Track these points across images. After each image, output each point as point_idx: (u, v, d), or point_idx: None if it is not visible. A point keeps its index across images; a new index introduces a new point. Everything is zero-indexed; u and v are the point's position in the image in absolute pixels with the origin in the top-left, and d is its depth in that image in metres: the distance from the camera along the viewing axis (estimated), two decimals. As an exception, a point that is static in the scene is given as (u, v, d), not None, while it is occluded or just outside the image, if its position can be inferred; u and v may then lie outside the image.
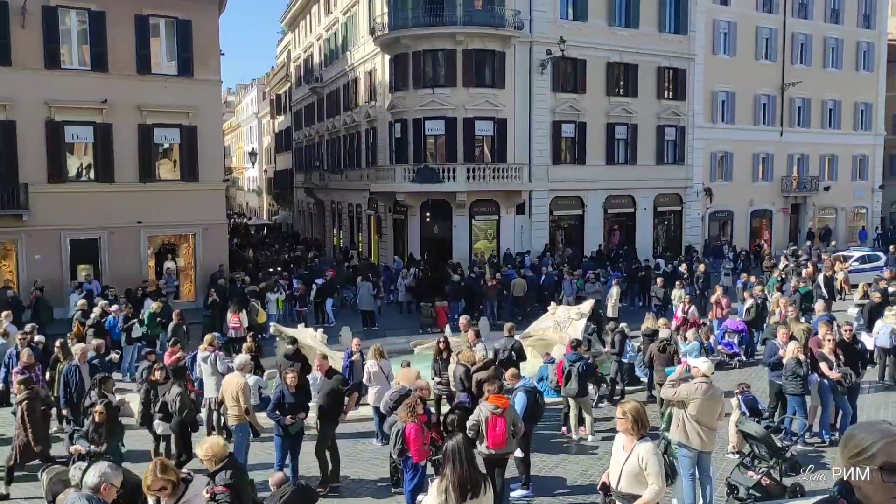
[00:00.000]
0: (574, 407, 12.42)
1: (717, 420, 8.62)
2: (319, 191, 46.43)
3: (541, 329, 19.20)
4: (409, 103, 31.43)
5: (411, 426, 8.93)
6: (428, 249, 31.38)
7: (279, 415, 9.98)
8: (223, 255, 27.49)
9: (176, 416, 10.57)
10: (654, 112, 35.81)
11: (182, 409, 10.53)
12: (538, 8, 31.99)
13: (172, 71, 25.66)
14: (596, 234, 35.08)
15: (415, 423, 8.96)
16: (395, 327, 23.35)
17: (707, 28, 37.22)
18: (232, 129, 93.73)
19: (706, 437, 8.45)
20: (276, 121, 65.15)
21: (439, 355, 13.01)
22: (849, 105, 43.47)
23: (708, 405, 8.41)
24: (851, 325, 13.59)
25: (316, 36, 46.42)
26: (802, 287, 21.26)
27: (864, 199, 45.86)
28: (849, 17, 42.66)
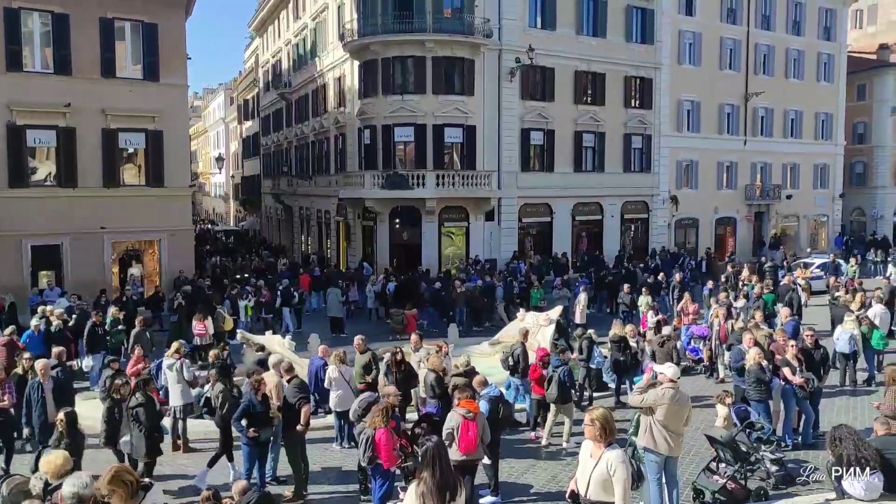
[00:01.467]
0: (553, 412, 12.38)
1: (683, 425, 8.70)
2: (287, 197, 46.12)
3: (509, 335, 19.26)
4: (379, 109, 31.40)
5: (381, 432, 8.87)
6: (397, 256, 31.31)
7: (243, 425, 9.86)
8: (189, 261, 27.14)
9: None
10: (622, 120, 36.24)
11: (223, 405, 10.61)
12: (507, 16, 32.21)
13: (138, 75, 25.33)
14: (564, 241, 35.34)
15: (384, 429, 8.91)
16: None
17: (673, 38, 37.80)
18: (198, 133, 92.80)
19: (673, 443, 8.52)
20: (244, 126, 64.63)
21: (396, 367, 12.57)
22: (810, 115, 44.42)
23: (675, 410, 8.49)
24: (813, 330, 13.84)
25: (284, 41, 46.18)
26: (767, 294, 21.61)
27: (825, 208, 46.85)
28: (810, 29, 43.64)
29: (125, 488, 5.45)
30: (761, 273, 27.14)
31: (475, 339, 20.98)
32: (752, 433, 10.21)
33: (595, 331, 17.03)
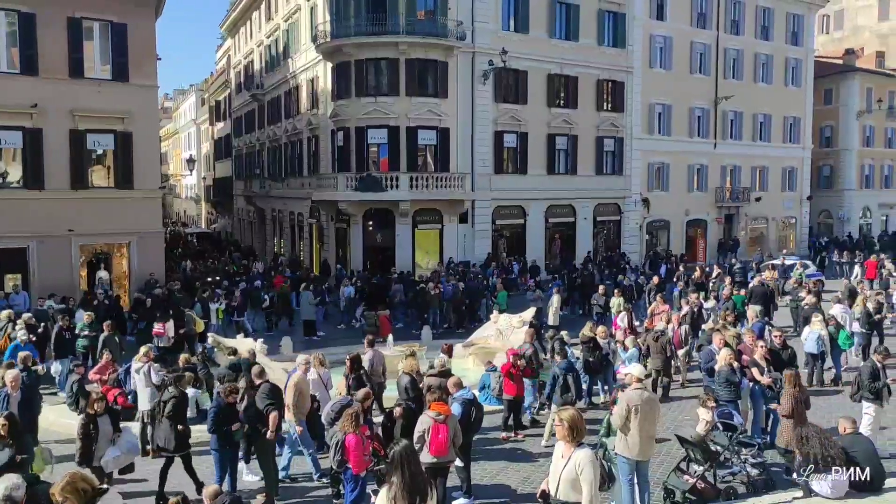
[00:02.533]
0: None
1: (655, 425, 8.76)
2: (260, 199, 45.79)
3: (483, 337, 19.32)
4: (352, 111, 31.30)
5: (350, 437, 8.83)
6: (371, 258, 31.22)
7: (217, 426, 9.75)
8: (159, 264, 26.79)
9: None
10: (594, 123, 36.51)
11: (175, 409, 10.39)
12: (480, 19, 32.31)
13: (106, 75, 24.91)
14: (537, 244, 35.51)
15: (354, 433, 8.87)
16: (336, 337, 23.17)
17: (644, 42, 38.18)
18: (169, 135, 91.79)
19: (646, 445, 8.58)
20: (216, 127, 64.05)
21: (352, 371, 12.43)
22: (778, 119, 45.13)
23: (646, 411, 8.55)
24: (781, 331, 14.05)
25: (257, 42, 45.86)
26: (736, 295, 21.88)
27: (794, 210, 47.62)
28: (778, 34, 44.34)
29: (78, 495, 5.38)
30: (731, 274, 27.46)
31: (449, 341, 20.93)
32: (735, 437, 10.26)
33: (568, 332, 17.12)
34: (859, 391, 11.33)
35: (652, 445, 8.73)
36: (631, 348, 15.90)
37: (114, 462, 9.82)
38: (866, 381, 11.14)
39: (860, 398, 11.37)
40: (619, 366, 15.01)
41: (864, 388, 11.17)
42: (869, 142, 52.00)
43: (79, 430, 9.59)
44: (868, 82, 51.14)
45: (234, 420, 9.91)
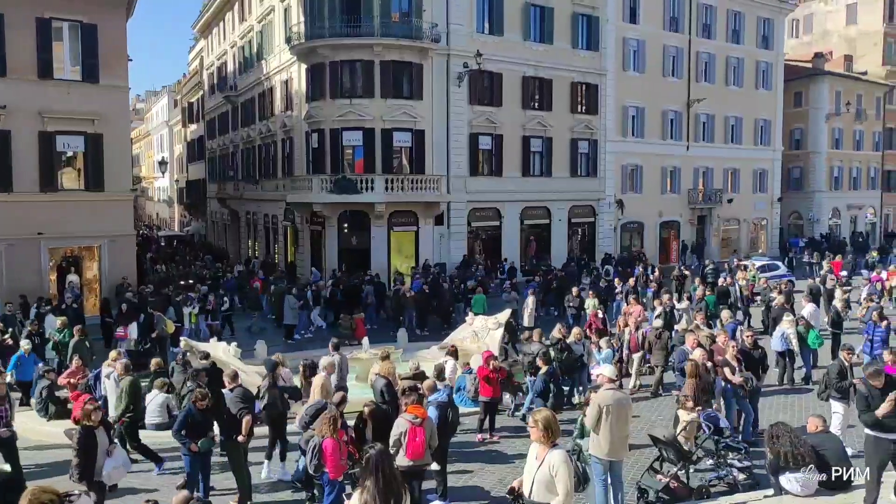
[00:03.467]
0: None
1: (626, 425, 8.78)
2: (234, 201, 45.43)
3: (459, 339, 19.31)
4: (327, 113, 31.17)
5: (328, 441, 8.78)
6: (346, 261, 31.09)
7: (184, 436, 9.64)
8: (131, 267, 26.47)
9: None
10: (568, 126, 36.72)
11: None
12: (455, 21, 32.36)
13: (76, 76, 24.59)
14: (513, 245, 35.61)
15: (332, 438, 8.81)
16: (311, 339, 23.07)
17: (617, 45, 38.49)
18: (141, 137, 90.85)
19: (619, 446, 8.61)
20: (189, 129, 63.46)
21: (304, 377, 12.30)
22: (749, 121, 45.73)
23: (618, 411, 8.60)
24: (752, 331, 14.25)
25: (230, 43, 45.51)
26: (709, 296, 22.15)
27: (765, 211, 48.27)
28: (749, 37, 44.95)
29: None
30: (704, 276, 27.78)
31: (425, 343, 20.97)
32: (721, 440, 10.35)
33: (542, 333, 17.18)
34: (826, 390, 11.49)
35: (624, 445, 8.75)
36: (605, 349, 16.01)
37: (113, 474, 9.45)
38: (834, 380, 11.31)
39: (827, 397, 11.53)
40: (593, 366, 15.09)
41: (832, 386, 11.33)
42: (838, 144, 52.90)
43: (76, 443, 9.05)
44: (837, 85, 52.05)
45: (204, 426, 9.80)
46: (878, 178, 56.61)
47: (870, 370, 8.70)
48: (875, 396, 8.36)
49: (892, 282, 27.72)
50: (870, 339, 15.23)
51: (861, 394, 8.58)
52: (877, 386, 8.42)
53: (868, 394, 8.43)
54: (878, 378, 8.47)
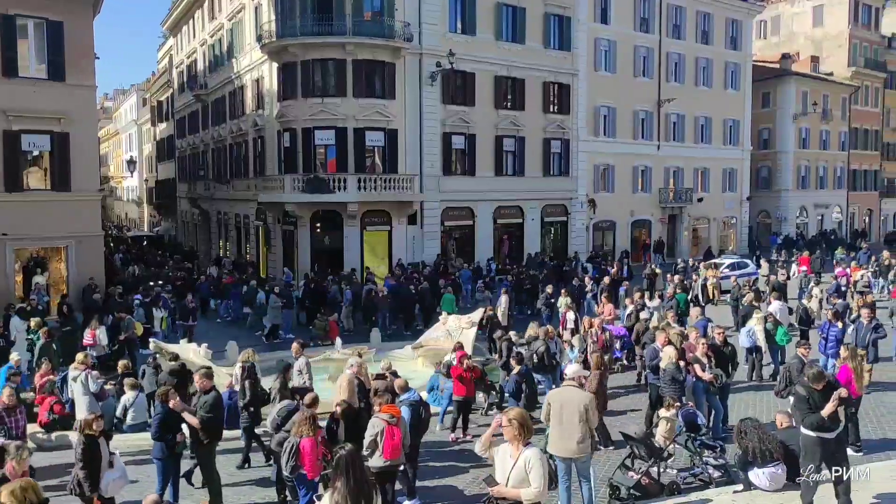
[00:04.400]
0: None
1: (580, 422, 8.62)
2: (204, 201, 44.96)
3: (432, 339, 19.33)
4: (299, 112, 30.97)
5: (306, 441, 8.73)
6: (319, 261, 30.92)
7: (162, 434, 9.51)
8: (99, 268, 26.05)
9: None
10: (541, 125, 36.88)
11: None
12: (427, 21, 32.32)
13: (42, 75, 24.09)
14: (487, 244, 35.67)
15: (311, 437, 8.76)
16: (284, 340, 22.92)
17: (589, 45, 38.72)
18: (109, 136, 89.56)
19: (567, 442, 8.58)
20: (158, 128, 62.69)
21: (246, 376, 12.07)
22: (719, 121, 46.29)
23: (564, 407, 8.60)
24: (723, 328, 14.42)
25: (200, 41, 45.02)
26: (679, 294, 22.38)
27: (734, 210, 48.91)
28: (718, 38, 45.50)
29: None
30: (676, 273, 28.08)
31: (398, 343, 20.95)
32: (697, 438, 10.45)
33: (516, 332, 17.25)
34: (789, 386, 11.62)
35: (571, 442, 8.53)
36: (577, 347, 16.13)
37: (115, 485, 9.10)
38: (797, 376, 11.46)
39: (788, 394, 11.67)
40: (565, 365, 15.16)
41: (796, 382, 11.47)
42: (804, 144, 53.77)
43: (79, 454, 8.70)
44: (803, 86, 52.91)
45: (178, 426, 9.70)
46: (844, 178, 57.65)
47: (811, 373, 8.74)
48: (816, 398, 8.48)
49: (855, 276, 28.29)
50: (824, 338, 15.23)
51: (802, 397, 8.58)
52: (818, 388, 8.54)
53: (809, 396, 8.52)
54: (820, 381, 8.59)
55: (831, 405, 8.33)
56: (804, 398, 8.55)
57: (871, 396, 14.23)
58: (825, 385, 8.58)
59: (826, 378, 8.72)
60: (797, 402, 8.78)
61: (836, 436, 8.52)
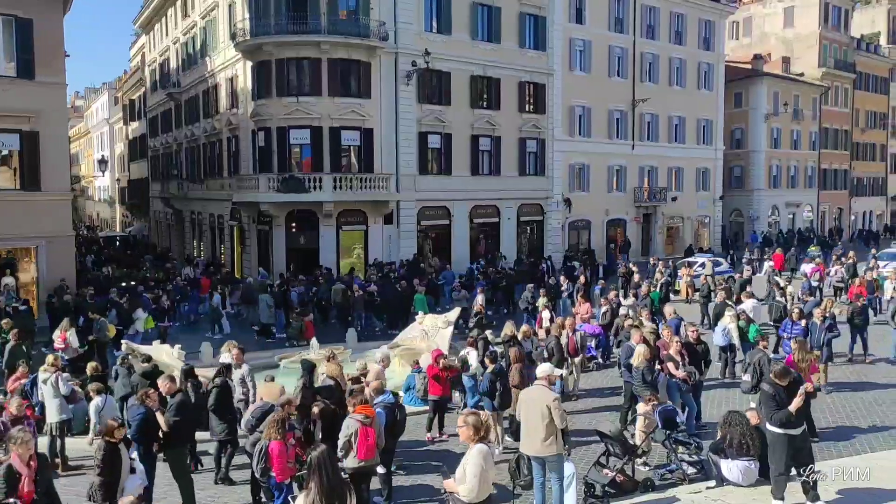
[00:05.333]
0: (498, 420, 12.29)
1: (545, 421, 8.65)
2: (178, 201, 44.49)
3: (409, 338, 19.30)
4: (273, 111, 30.76)
5: (274, 444, 8.68)
6: (294, 261, 30.74)
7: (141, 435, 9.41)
8: (70, 269, 25.70)
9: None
10: (517, 125, 36.98)
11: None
12: (403, 20, 32.26)
13: (11, 73, 23.73)
14: (463, 244, 35.69)
15: (279, 440, 8.71)
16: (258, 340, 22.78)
17: (564, 45, 38.90)
18: (80, 135, 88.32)
19: (532, 440, 8.64)
20: (130, 127, 61.97)
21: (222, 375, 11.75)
22: (692, 121, 46.75)
23: (529, 405, 8.67)
24: (696, 326, 14.56)
25: (173, 39, 44.54)
26: (654, 292, 22.56)
27: (707, 209, 49.41)
28: (691, 39, 45.94)
29: None
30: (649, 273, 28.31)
31: (374, 343, 20.87)
32: (673, 436, 10.54)
33: (492, 332, 17.28)
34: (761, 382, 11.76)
35: (538, 442, 8.60)
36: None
37: (136, 490, 8.87)
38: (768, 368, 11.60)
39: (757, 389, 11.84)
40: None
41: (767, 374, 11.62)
42: (776, 143, 54.52)
43: (99, 460, 8.47)
44: (775, 86, 53.63)
45: (158, 427, 9.62)
46: (815, 177, 58.54)
47: (777, 369, 8.87)
48: (782, 394, 8.60)
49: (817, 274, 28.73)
50: (788, 337, 15.12)
51: (768, 394, 8.69)
52: (783, 385, 8.66)
53: (775, 393, 8.64)
54: (785, 377, 8.71)
55: (798, 400, 8.47)
56: (771, 395, 8.67)
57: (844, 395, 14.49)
58: (791, 381, 8.70)
59: (791, 374, 8.84)
60: (764, 398, 8.90)
61: (802, 431, 8.67)
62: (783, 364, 9.23)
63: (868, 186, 64.90)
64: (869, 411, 13.69)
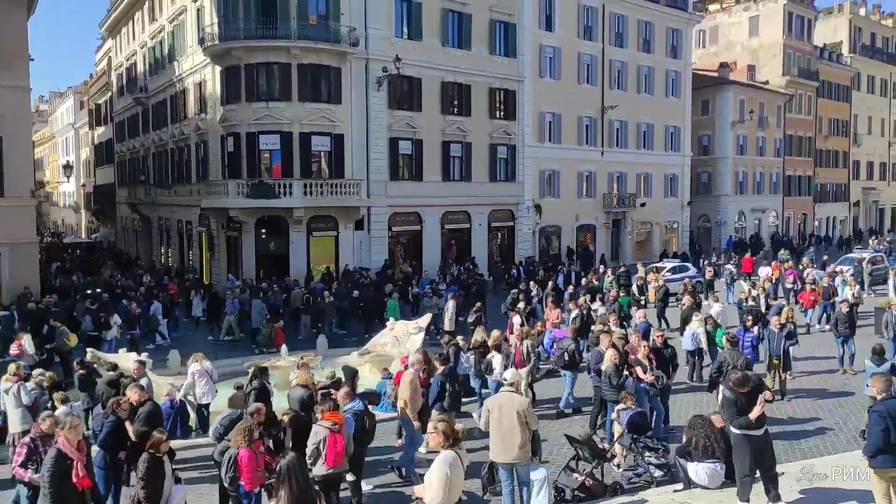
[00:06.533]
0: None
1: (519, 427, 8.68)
2: (145, 207, 43.92)
3: (380, 345, 19.24)
4: (243, 116, 30.53)
5: (244, 452, 8.58)
6: (264, 267, 30.49)
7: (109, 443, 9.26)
8: (34, 276, 25.24)
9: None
10: (487, 131, 37.12)
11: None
12: (373, 26, 32.24)
13: (-27, 76, 23.33)
14: (434, 249, 35.70)
15: (248, 448, 8.62)
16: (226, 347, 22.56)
17: (534, 52, 39.18)
18: (45, 140, 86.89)
19: (505, 447, 8.65)
20: (96, 132, 61.05)
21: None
22: (660, 128, 47.33)
23: (502, 412, 8.67)
24: (663, 331, 14.71)
25: (140, 43, 44.02)
26: (622, 297, 22.77)
27: (675, 215, 50.03)
28: (658, 47, 46.53)
29: None
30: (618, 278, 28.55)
31: (345, 349, 20.79)
32: (641, 439, 10.64)
33: (463, 338, 17.29)
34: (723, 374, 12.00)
35: (512, 448, 8.65)
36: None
37: (179, 500, 8.84)
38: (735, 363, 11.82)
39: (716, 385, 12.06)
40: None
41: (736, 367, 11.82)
42: (742, 150, 55.38)
43: (142, 473, 8.22)
44: (741, 94, 54.52)
45: (126, 436, 9.48)
46: (780, 183, 59.56)
47: (736, 378, 9.03)
48: (743, 401, 8.76)
49: (775, 275, 29.26)
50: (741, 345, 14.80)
51: (730, 400, 8.86)
52: (743, 392, 8.83)
53: (736, 399, 8.80)
54: (745, 385, 8.88)
55: (758, 409, 8.67)
56: (732, 401, 8.85)
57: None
58: (750, 388, 8.87)
59: (751, 382, 8.99)
60: (725, 404, 9.08)
61: (764, 432, 8.84)
62: (743, 373, 9.38)
63: (831, 193, 66.20)
64: (831, 412, 13.96)
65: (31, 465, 8.43)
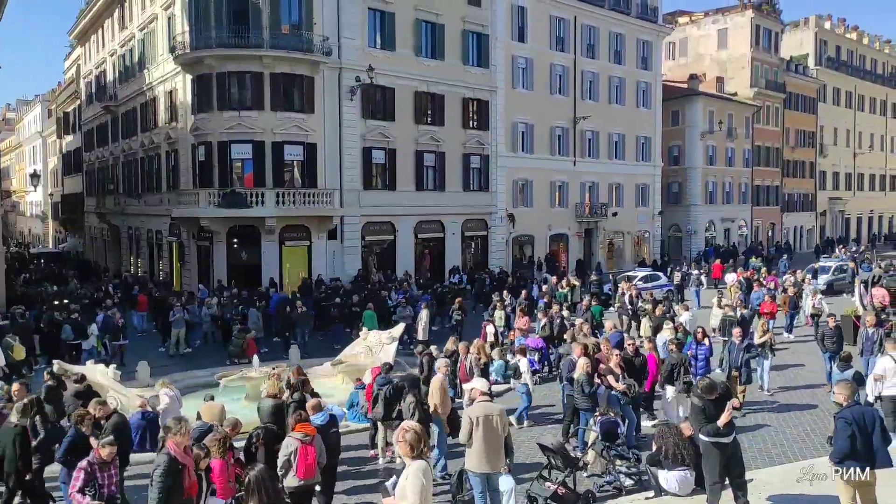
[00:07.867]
0: (382, 430, 12.43)
1: (501, 437, 8.79)
2: (114, 216, 43.37)
3: (353, 354, 19.17)
4: (214, 125, 30.31)
5: (216, 462, 8.49)
6: (236, 277, 30.22)
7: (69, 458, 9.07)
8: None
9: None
10: (460, 141, 37.25)
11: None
12: (347, 35, 32.23)
13: (-64, 82, 22.89)
14: (408, 259, 35.67)
15: (221, 459, 8.52)
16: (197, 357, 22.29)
17: (507, 63, 39.44)
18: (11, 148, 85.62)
19: (492, 457, 8.69)
20: (64, 140, 60.22)
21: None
22: (631, 138, 47.83)
23: (489, 423, 8.69)
24: (633, 340, 14.81)
25: (109, 51, 43.57)
26: (595, 307, 22.92)
27: (647, 224, 50.52)
28: (629, 58, 47.09)
29: None
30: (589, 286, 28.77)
31: (317, 359, 20.64)
32: (613, 448, 10.69)
33: (436, 347, 17.27)
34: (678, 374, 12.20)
35: (499, 457, 8.74)
36: (498, 359, 16.29)
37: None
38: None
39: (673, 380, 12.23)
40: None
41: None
42: (712, 160, 56.13)
43: (159, 479, 7.59)
44: (710, 105, 55.31)
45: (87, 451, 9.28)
46: (749, 193, 60.46)
47: (703, 384, 9.12)
48: (711, 408, 8.86)
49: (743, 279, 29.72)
50: (694, 356, 14.50)
51: (698, 407, 8.96)
52: (711, 399, 8.94)
53: (704, 407, 8.91)
54: (711, 392, 8.98)
55: (726, 415, 8.76)
56: (700, 409, 8.94)
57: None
58: (717, 396, 8.97)
59: (717, 390, 9.09)
60: (693, 412, 9.17)
61: (733, 439, 8.94)
62: (709, 379, 9.46)
63: (798, 202, 67.32)
64: (799, 420, 14.16)
65: (89, 490, 8.13)
